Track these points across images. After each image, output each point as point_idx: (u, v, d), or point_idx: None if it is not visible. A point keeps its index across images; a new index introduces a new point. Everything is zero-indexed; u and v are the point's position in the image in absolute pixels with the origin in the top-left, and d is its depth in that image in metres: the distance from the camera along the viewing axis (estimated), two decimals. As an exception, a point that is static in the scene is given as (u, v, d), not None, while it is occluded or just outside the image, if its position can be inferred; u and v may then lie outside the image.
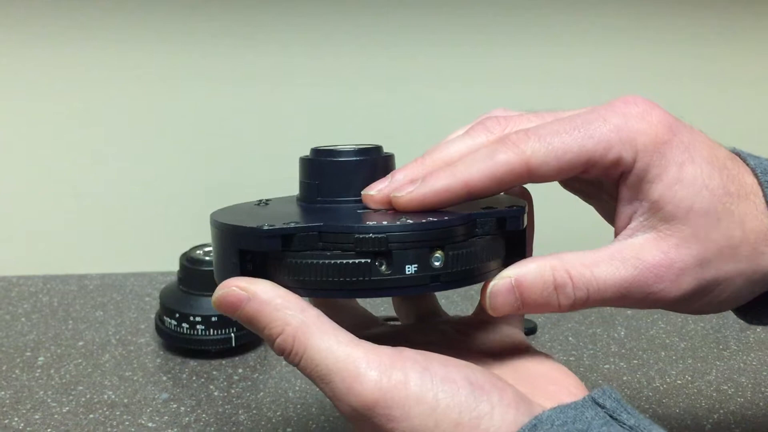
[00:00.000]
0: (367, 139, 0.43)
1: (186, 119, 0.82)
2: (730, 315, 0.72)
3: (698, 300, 0.34)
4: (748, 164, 0.35)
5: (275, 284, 0.32)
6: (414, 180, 0.34)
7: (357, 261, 0.31)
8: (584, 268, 0.33)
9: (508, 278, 0.33)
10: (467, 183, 0.33)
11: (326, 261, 0.31)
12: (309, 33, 0.80)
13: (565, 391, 0.33)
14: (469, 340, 0.37)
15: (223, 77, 0.81)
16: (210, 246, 0.64)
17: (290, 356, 0.31)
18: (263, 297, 0.31)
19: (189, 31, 0.79)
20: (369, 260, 0.31)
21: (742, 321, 0.41)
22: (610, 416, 0.29)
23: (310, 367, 0.30)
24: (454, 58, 0.82)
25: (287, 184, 0.46)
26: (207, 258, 0.63)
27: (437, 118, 0.81)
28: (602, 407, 0.30)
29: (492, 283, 0.33)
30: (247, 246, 0.32)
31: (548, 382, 0.33)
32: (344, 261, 0.31)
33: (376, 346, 0.31)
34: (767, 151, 0.38)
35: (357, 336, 0.31)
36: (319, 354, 0.30)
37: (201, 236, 0.67)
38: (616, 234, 0.35)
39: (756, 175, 0.34)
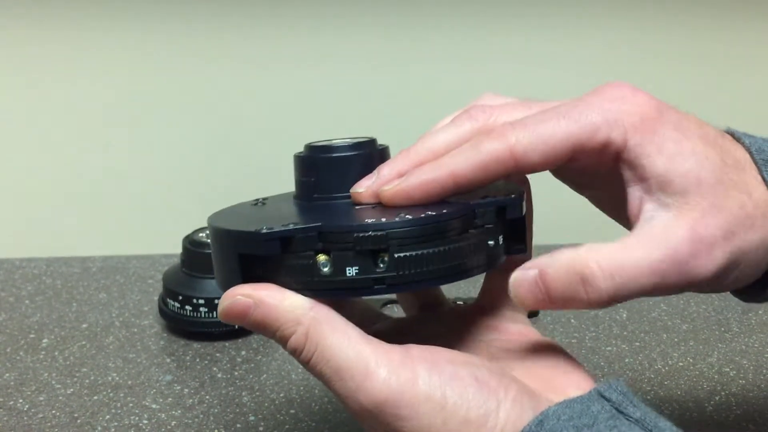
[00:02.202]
0: (361, 127, 0.43)
1: (188, 102, 0.82)
2: (732, 297, 0.72)
3: (727, 277, 0.32)
4: (742, 143, 0.34)
5: (279, 287, 0.32)
6: (401, 173, 0.34)
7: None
8: (614, 255, 0.31)
9: (532, 269, 0.32)
10: (453, 174, 0.33)
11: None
12: (304, 17, 0.80)
13: (572, 383, 0.32)
14: (474, 330, 0.37)
15: (224, 61, 0.81)
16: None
17: (302, 355, 0.31)
18: (270, 301, 0.31)
19: (190, 15, 0.79)
20: (370, 258, 0.31)
21: (744, 303, 0.40)
22: (617, 409, 0.29)
23: (321, 364, 0.30)
24: (449, 41, 0.82)
25: (288, 167, 0.46)
26: (209, 241, 0.63)
27: (433, 103, 0.81)
28: (608, 401, 0.30)
29: (516, 273, 0.32)
30: (247, 250, 0.32)
31: (554, 374, 0.33)
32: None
33: (384, 343, 0.31)
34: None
35: (363, 332, 0.31)
36: (329, 351, 0.30)
37: (203, 219, 0.66)
38: (631, 220, 0.34)
39: (750, 153, 0.34)
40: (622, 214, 0.35)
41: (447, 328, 0.38)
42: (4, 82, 0.80)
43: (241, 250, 0.32)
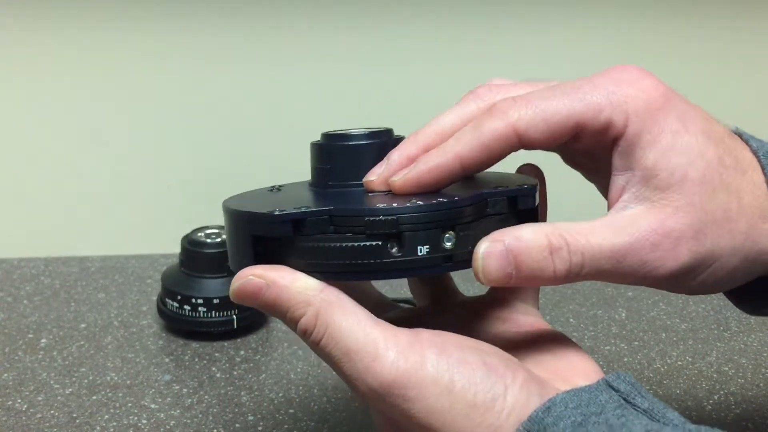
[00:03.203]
0: (378, 117, 0.43)
1: (187, 102, 0.81)
2: (731, 296, 0.72)
3: (693, 278, 0.32)
4: (749, 145, 0.34)
5: (291, 269, 0.32)
6: (410, 158, 0.34)
7: (368, 243, 0.31)
8: (579, 235, 0.31)
9: (501, 242, 0.31)
10: (458, 156, 0.33)
11: (338, 244, 0.31)
12: (305, 16, 0.80)
13: (581, 374, 0.32)
14: (485, 322, 0.37)
15: (224, 61, 0.81)
16: (211, 228, 0.65)
17: (312, 336, 0.31)
18: (282, 282, 0.31)
19: (191, 10, 0.79)
20: (380, 242, 0.31)
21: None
22: (625, 399, 0.29)
23: (330, 345, 0.31)
24: (462, 34, 0.82)
25: (289, 165, 0.46)
26: (208, 240, 0.64)
27: (433, 102, 0.81)
28: (616, 391, 0.30)
29: (483, 246, 0.31)
30: (260, 232, 0.32)
31: (563, 365, 0.33)
32: (356, 244, 0.31)
33: (394, 327, 0.31)
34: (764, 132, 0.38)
35: (373, 315, 0.31)
36: (339, 332, 0.30)
37: (202, 218, 0.67)
38: (609, 206, 0.34)
39: (758, 157, 0.33)
40: None
41: (457, 319, 0.38)
42: (3, 81, 0.80)
43: (254, 231, 0.33)
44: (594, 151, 0.34)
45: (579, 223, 0.32)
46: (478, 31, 0.82)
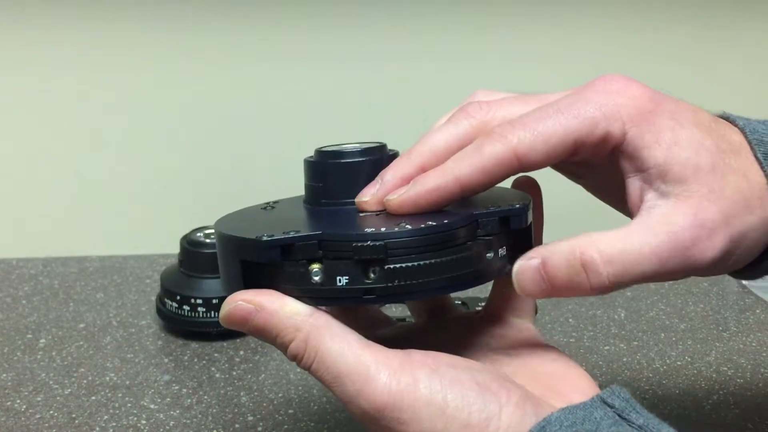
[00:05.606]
0: (361, 126, 0.43)
1: (187, 101, 0.81)
2: (730, 296, 0.73)
3: (728, 259, 0.33)
4: (736, 125, 0.35)
5: (280, 293, 0.32)
6: (404, 178, 0.34)
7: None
8: (615, 242, 0.31)
9: (534, 259, 0.32)
10: (458, 179, 0.33)
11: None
12: (305, 17, 0.80)
13: (577, 390, 0.32)
14: (480, 338, 0.37)
15: (223, 61, 0.81)
16: (210, 228, 0.65)
17: (303, 361, 0.31)
18: (270, 307, 0.31)
19: (190, 14, 0.79)
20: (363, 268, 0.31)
21: (741, 302, 0.41)
22: (619, 416, 0.29)
23: (321, 370, 0.31)
24: (454, 38, 0.82)
25: (286, 167, 0.46)
26: (207, 240, 0.63)
27: (433, 102, 0.81)
28: (611, 407, 0.30)
29: (518, 263, 0.32)
30: (248, 257, 0.32)
31: (559, 382, 0.33)
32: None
33: (385, 348, 0.31)
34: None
35: (368, 337, 0.31)
36: (330, 357, 0.30)
37: (201, 218, 0.67)
38: (632, 210, 0.34)
39: (744, 134, 0.34)
40: (616, 200, 0.35)
41: (453, 335, 0.38)
42: (3, 81, 0.80)
43: (243, 256, 0.32)
44: (590, 160, 0.34)
45: (615, 231, 0.32)
46: (479, 33, 0.82)
